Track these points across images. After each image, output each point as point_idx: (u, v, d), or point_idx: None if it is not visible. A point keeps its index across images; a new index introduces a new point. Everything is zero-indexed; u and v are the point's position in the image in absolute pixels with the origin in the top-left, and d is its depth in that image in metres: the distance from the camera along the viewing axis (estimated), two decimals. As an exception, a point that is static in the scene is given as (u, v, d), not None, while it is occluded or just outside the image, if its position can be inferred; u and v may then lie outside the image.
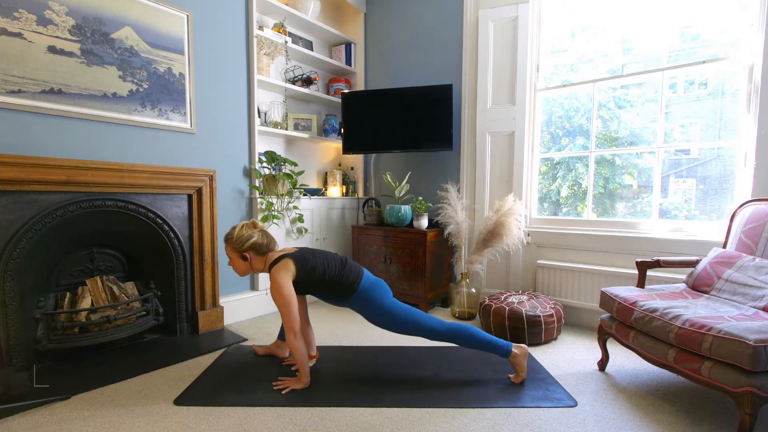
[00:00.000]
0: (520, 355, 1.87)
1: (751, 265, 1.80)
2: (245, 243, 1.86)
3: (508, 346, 1.87)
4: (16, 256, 1.87)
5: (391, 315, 1.87)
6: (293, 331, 1.76)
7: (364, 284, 1.90)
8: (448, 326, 1.87)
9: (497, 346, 1.86)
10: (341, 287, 1.88)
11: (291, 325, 1.75)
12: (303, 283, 1.85)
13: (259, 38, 2.95)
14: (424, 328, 1.86)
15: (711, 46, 2.40)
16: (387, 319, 1.88)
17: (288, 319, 1.75)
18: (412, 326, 1.86)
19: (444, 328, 1.86)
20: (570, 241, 2.75)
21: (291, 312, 1.75)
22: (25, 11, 1.93)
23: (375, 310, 1.89)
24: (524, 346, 1.90)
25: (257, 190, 2.88)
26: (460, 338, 1.86)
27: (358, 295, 1.88)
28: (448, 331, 1.86)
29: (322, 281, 1.86)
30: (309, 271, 1.84)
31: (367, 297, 1.89)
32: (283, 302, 1.75)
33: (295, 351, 1.79)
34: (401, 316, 1.87)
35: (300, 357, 1.80)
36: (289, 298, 1.76)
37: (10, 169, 1.81)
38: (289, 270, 1.80)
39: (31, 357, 1.98)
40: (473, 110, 3.10)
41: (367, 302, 1.89)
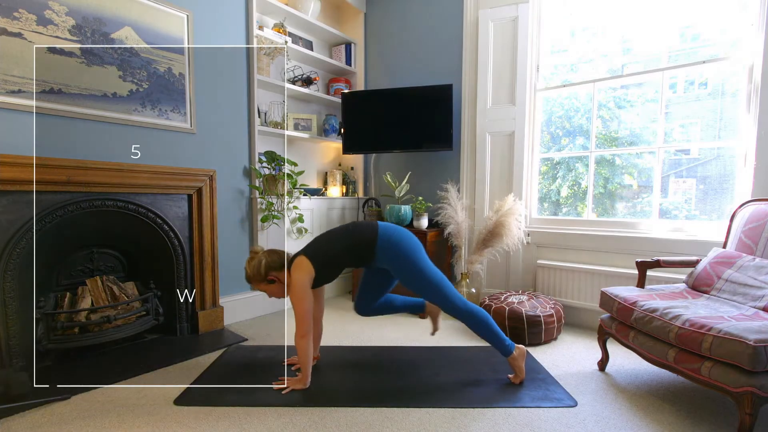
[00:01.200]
0: (518, 357, 1.87)
1: (751, 265, 1.80)
2: (260, 270, 1.86)
3: (511, 346, 1.87)
4: (16, 256, 1.86)
5: (420, 273, 1.82)
6: (302, 331, 1.76)
7: (383, 236, 1.85)
8: (469, 306, 1.85)
9: (503, 341, 1.85)
10: (361, 251, 1.85)
11: (303, 327, 1.76)
12: (326, 267, 1.84)
13: (259, 38, 2.95)
14: (447, 298, 1.83)
15: (711, 46, 2.40)
16: (415, 276, 1.82)
17: (298, 317, 1.76)
18: (437, 292, 1.82)
19: (464, 306, 1.84)
20: (570, 241, 2.75)
21: (302, 311, 1.75)
22: (25, 11, 1.93)
23: (403, 265, 1.83)
24: (522, 347, 1.90)
25: (257, 190, 2.88)
26: (474, 320, 1.84)
27: (382, 250, 1.83)
28: (467, 310, 1.84)
29: (342, 256, 1.85)
30: (324, 255, 1.83)
31: (395, 251, 1.83)
32: (296, 299, 1.76)
33: (301, 351, 1.79)
34: (429, 278, 1.82)
35: (305, 359, 1.80)
36: (302, 294, 1.76)
37: (10, 169, 1.81)
38: (303, 267, 1.79)
39: (31, 357, 1.98)
40: (473, 110, 3.10)
41: (396, 257, 1.83)
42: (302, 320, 1.76)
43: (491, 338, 1.85)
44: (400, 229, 1.91)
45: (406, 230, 1.92)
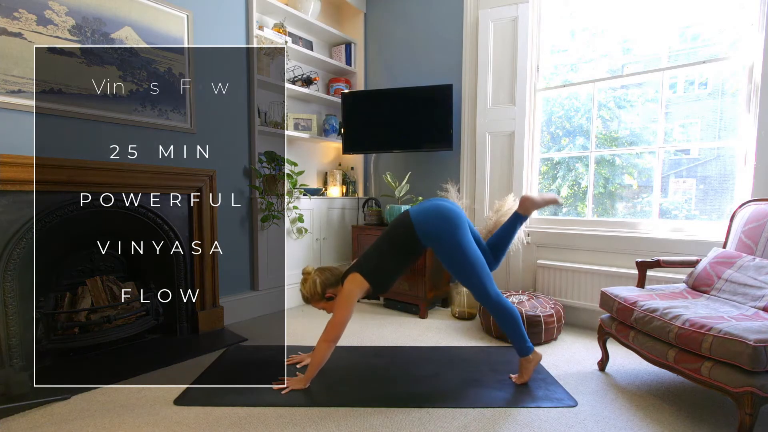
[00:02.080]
0: (532, 360, 1.87)
1: (751, 265, 1.79)
2: (317, 290, 1.87)
3: (531, 348, 1.86)
4: (16, 256, 1.86)
5: (455, 253, 1.79)
6: (331, 336, 1.78)
7: (418, 221, 1.81)
8: (502, 298, 1.84)
9: (524, 342, 1.85)
10: (406, 245, 1.84)
11: (334, 334, 1.78)
12: (383, 275, 1.84)
13: (259, 38, 2.95)
14: (482, 284, 1.81)
15: (711, 46, 2.40)
16: (451, 257, 1.80)
17: (334, 323, 1.77)
18: (471, 274, 1.80)
19: (496, 297, 1.82)
20: (570, 241, 2.74)
21: (341, 318, 1.78)
22: (25, 11, 1.93)
23: (441, 246, 1.80)
24: (539, 353, 1.89)
25: (257, 190, 2.88)
26: (502, 313, 1.82)
27: (424, 237, 1.81)
28: (498, 302, 1.82)
29: (393, 257, 1.85)
30: (376, 266, 1.84)
31: (437, 235, 1.80)
32: (338, 307, 1.79)
33: (319, 354, 1.79)
34: (464, 259, 1.79)
35: (319, 361, 1.80)
36: (347, 304, 1.79)
37: (10, 169, 1.81)
38: (356, 281, 1.81)
39: (31, 357, 1.98)
40: (473, 110, 3.10)
41: (437, 238, 1.80)
42: (336, 327, 1.77)
43: (514, 335, 1.84)
44: (434, 206, 1.86)
45: (439, 206, 1.86)
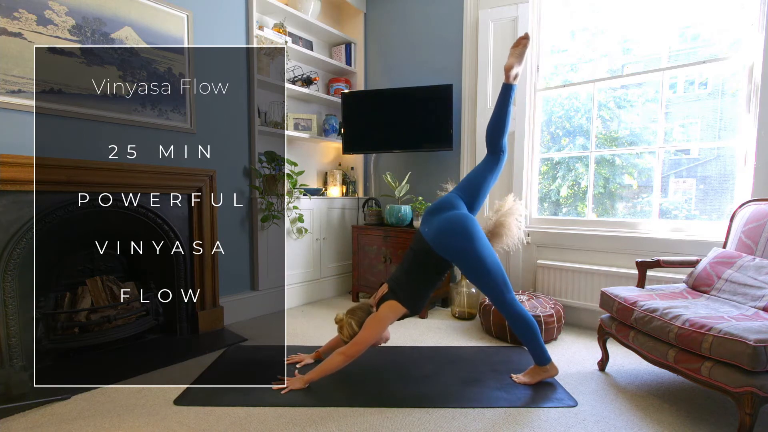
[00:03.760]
0: (548, 372, 1.87)
1: (751, 265, 1.79)
2: (356, 330, 1.87)
3: (549, 359, 1.87)
4: (16, 256, 1.86)
5: (482, 269, 1.80)
6: (350, 353, 1.78)
7: (435, 243, 1.82)
8: (520, 307, 1.84)
9: (543, 352, 1.85)
10: (437, 269, 1.85)
11: (354, 350, 1.78)
12: (420, 299, 1.87)
13: (259, 38, 2.95)
14: (501, 293, 1.82)
15: (711, 46, 2.40)
16: (478, 273, 1.81)
17: (358, 341, 1.78)
18: (488, 280, 1.81)
19: (515, 306, 1.83)
20: (570, 241, 2.74)
21: (367, 337, 1.79)
22: (25, 11, 1.93)
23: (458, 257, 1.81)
24: (556, 367, 1.89)
25: (257, 190, 2.88)
26: (521, 322, 1.82)
27: (447, 254, 1.81)
28: (517, 312, 1.82)
29: (423, 277, 1.86)
30: (413, 292, 1.86)
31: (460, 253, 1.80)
32: (368, 326, 1.81)
33: (331, 364, 1.79)
34: (492, 276, 1.81)
35: (328, 369, 1.80)
36: (377, 325, 1.81)
37: (10, 169, 1.81)
38: (392, 307, 1.83)
39: (31, 357, 1.98)
40: (473, 110, 3.10)
41: (462, 257, 1.81)
42: (359, 344, 1.78)
43: (532, 344, 1.84)
44: (445, 222, 1.85)
45: (450, 220, 1.85)
